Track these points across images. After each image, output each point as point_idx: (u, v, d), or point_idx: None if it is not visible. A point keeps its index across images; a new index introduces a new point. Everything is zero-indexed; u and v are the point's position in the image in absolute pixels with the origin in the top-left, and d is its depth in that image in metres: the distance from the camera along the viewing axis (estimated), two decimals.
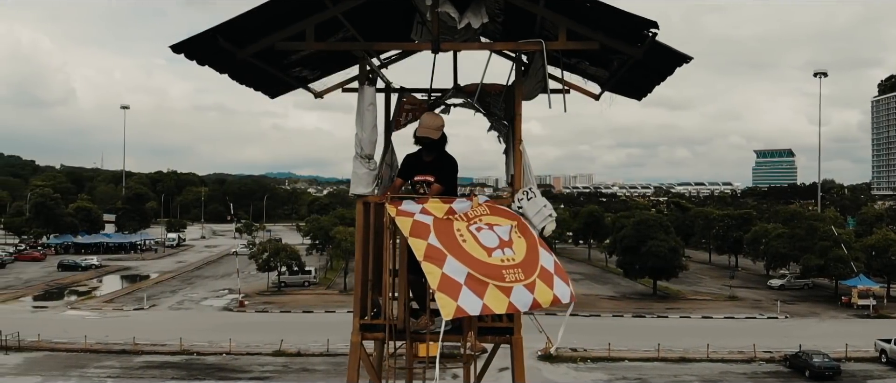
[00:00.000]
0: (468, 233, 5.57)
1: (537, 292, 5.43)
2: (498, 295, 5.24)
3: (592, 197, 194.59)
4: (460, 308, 5.07)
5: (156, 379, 42.84)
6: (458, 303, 5.06)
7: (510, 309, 5.36)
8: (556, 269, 5.63)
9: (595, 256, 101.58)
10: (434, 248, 5.33)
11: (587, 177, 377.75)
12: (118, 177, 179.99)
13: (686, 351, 47.59)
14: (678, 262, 70.79)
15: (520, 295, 5.34)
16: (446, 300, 5.06)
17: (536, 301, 5.41)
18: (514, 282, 5.38)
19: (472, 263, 5.30)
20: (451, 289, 5.11)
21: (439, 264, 5.23)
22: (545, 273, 5.58)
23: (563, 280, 5.61)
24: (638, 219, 75.50)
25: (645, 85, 7.16)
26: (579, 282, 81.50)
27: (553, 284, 5.54)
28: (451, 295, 5.08)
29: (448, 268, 5.22)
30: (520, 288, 5.37)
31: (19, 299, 67.84)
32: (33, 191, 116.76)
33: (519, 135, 6.65)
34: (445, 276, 5.17)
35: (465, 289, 5.13)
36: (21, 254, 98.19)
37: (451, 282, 5.15)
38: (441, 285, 5.12)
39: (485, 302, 5.18)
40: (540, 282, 5.49)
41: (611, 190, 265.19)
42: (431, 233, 5.44)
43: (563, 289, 5.56)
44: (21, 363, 44.89)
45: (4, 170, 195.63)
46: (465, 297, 5.10)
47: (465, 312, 5.13)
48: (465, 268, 5.24)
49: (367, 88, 6.63)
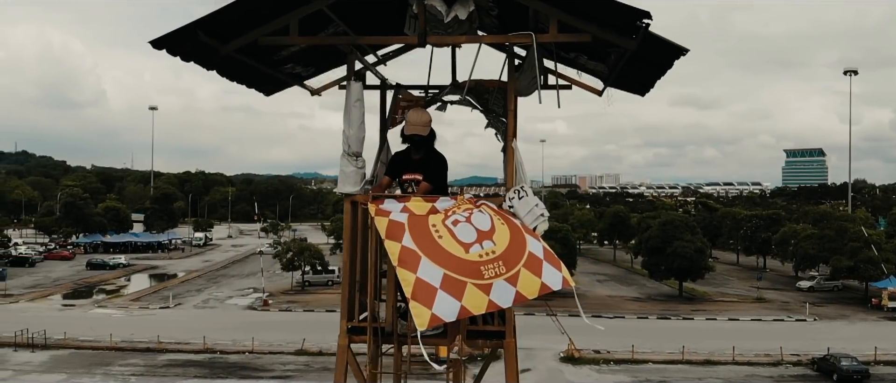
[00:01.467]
0: (444, 228, 5.33)
1: (521, 283, 5.16)
2: (477, 295, 5.01)
3: (618, 197, 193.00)
4: (435, 316, 4.86)
5: (179, 378, 43.15)
6: (433, 311, 4.84)
7: (491, 307, 5.10)
8: (546, 255, 5.35)
9: (620, 257, 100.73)
10: (408, 251, 5.12)
11: (614, 177, 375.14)
12: (147, 178, 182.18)
13: (711, 353, 46.91)
14: (704, 263, 69.92)
15: (501, 292, 5.08)
16: (420, 309, 4.85)
17: (520, 294, 5.14)
18: (493, 277, 5.12)
19: (448, 262, 5.08)
20: (426, 296, 4.89)
21: (413, 268, 5.02)
22: (533, 260, 5.29)
23: (553, 266, 5.32)
24: (664, 219, 74.73)
25: (646, 79, 6.92)
26: (604, 282, 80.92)
27: (541, 272, 5.25)
28: (426, 303, 4.86)
29: (423, 272, 5.00)
30: (500, 283, 5.11)
31: (48, 297, 68.82)
32: (63, 191, 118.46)
33: (512, 131, 6.43)
34: (420, 282, 4.95)
35: (441, 294, 4.91)
36: (51, 252, 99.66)
37: (426, 288, 4.93)
38: (415, 292, 4.91)
39: (463, 305, 4.95)
40: (525, 272, 5.21)
41: (638, 190, 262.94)
42: (406, 233, 5.23)
43: (553, 277, 5.28)
44: (47, 361, 45.47)
45: (36, 171, 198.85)
46: (441, 303, 4.88)
47: (440, 320, 4.91)
48: (441, 269, 5.01)
49: (354, 84, 6.46)
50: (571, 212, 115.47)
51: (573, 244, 74.53)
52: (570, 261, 71.08)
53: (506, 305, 5.18)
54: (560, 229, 73.34)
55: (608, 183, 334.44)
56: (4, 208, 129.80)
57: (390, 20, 6.93)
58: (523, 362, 47.66)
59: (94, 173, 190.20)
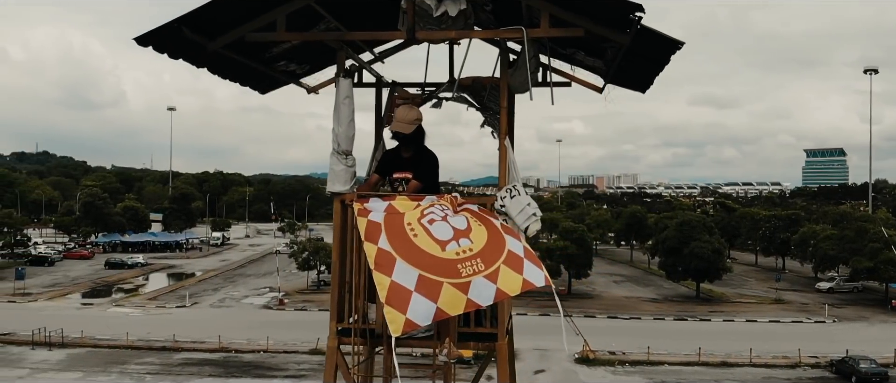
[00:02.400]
0: (420, 227, 5.17)
1: (501, 280, 4.98)
2: (454, 294, 4.85)
3: (636, 197, 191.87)
4: (409, 321, 4.70)
5: (194, 377, 43.34)
6: (407, 316, 4.69)
7: (470, 306, 4.92)
8: (527, 254, 5.17)
9: (637, 258, 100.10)
10: (384, 254, 4.98)
11: (632, 177, 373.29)
12: (166, 178, 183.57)
13: (728, 355, 46.47)
14: (722, 264, 69.34)
15: (480, 289, 4.90)
16: (394, 314, 4.69)
17: (501, 290, 4.95)
18: (471, 275, 4.93)
19: (423, 261, 4.93)
20: (400, 300, 4.74)
21: (388, 271, 4.87)
22: (513, 257, 5.11)
23: (534, 264, 5.14)
24: (681, 219, 74.19)
25: (644, 75, 6.75)
26: (620, 283, 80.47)
27: (523, 269, 5.07)
28: (399, 308, 4.71)
29: (397, 274, 4.85)
30: (479, 280, 4.93)
31: (66, 296, 69.42)
32: (83, 191, 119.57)
33: (504, 129, 6.29)
34: (394, 285, 4.80)
35: (416, 296, 4.76)
36: (70, 252, 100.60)
37: (400, 291, 4.78)
38: (389, 297, 4.76)
39: (439, 307, 4.79)
40: (505, 268, 5.03)
41: (656, 190, 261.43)
42: (382, 234, 5.09)
43: (534, 273, 5.08)
44: (64, 359, 45.85)
45: (57, 171, 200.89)
46: (416, 306, 4.73)
47: (415, 325, 4.76)
48: (416, 270, 4.86)
49: (343, 81, 6.34)
50: (588, 213, 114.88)
51: (589, 244, 74.11)
52: (586, 261, 70.80)
53: (486, 303, 5.01)
54: (576, 229, 73.03)
55: (626, 183, 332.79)
56: (25, 208, 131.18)
57: (384, 16, 6.80)
58: (538, 363, 47.58)
59: (113, 173, 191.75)
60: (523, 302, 67.02)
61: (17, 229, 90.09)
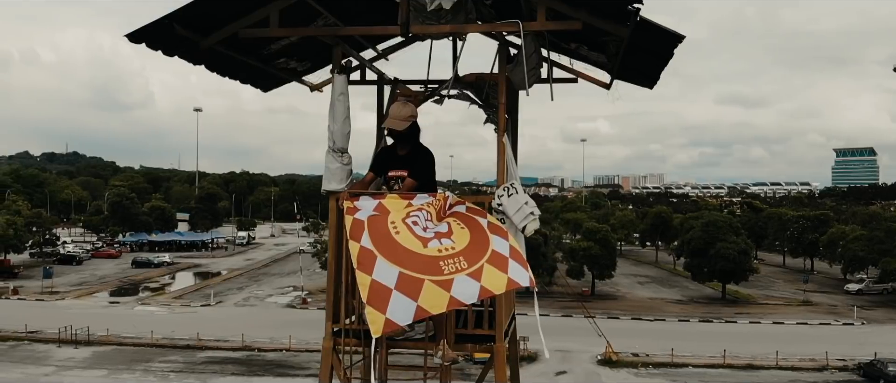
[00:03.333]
0: (402, 225, 5.07)
1: (485, 278, 4.84)
2: (436, 292, 4.72)
3: (662, 197, 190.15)
4: (389, 321, 4.58)
5: (216, 375, 43.63)
6: (387, 315, 4.57)
7: (453, 304, 4.80)
8: (512, 253, 5.05)
9: (662, 259, 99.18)
10: (365, 252, 4.86)
11: (658, 177, 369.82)
12: (193, 178, 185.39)
13: (754, 357, 45.83)
14: (748, 265, 68.47)
15: (463, 287, 4.77)
16: (374, 315, 4.58)
17: (485, 288, 4.82)
18: (454, 272, 4.82)
19: (404, 259, 4.81)
20: (380, 300, 4.62)
21: (369, 270, 4.76)
22: (497, 256, 4.98)
23: (520, 264, 5.01)
24: (706, 220, 73.34)
25: (650, 70, 6.57)
26: (645, 285, 79.77)
27: (507, 268, 4.95)
28: (380, 308, 4.60)
29: (378, 273, 4.74)
30: (462, 278, 4.80)
31: (93, 295, 70.30)
32: (111, 191, 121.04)
33: (502, 126, 6.14)
34: (375, 284, 4.69)
35: (396, 295, 4.64)
36: (98, 251, 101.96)
37: (381, 290, 4.66)
38: (370, 296, 4.65)
39: (419, 305, 4.66)
40: (490, 267, 4.90)
41: (682, 190, 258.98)
42: (365, 232, 4.98)
43: (520, 273, 4.96)
44: (89, 357, 46.38)
45: (86, 171, 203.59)
46: (396, 305, 4.61)
47: (395, 325, 4.64)
48: (396, 268, 4.75)
49: (337, 77, 6.23)
50: (612, 213, 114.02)
51: (613, 245, 73.52)
52: (610, 262, 70.27)
53: (469, 301, 4.90)
54: (599, 230, 72.54)
55: (652, 183, 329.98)
56: (55, 208, 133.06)
57: (383, 12, 6.68)
58: (560, 364, 47.25)
59: (141, 173, 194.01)
60: (545, 303, 66.70)
61: (46, 229, 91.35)
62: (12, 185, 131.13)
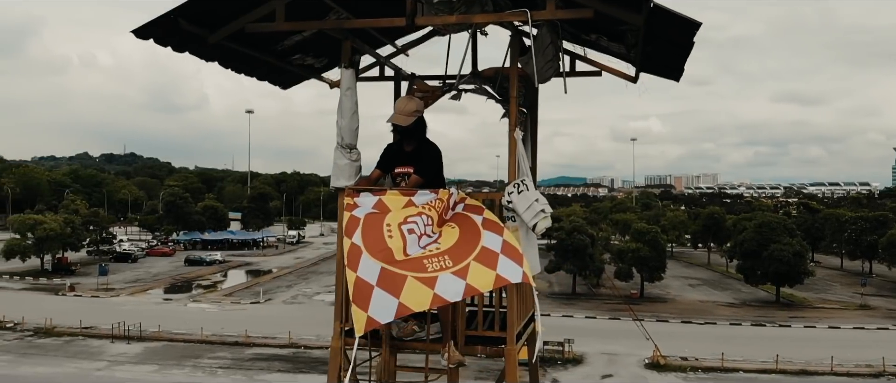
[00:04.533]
0: (397, 231, 4.93)
1: (471, 276, 4.70)
2: (419, 289, 4.58)
3: (715, 198, 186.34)
4: (371, 319, 4.45)
5: (263, 371, 44.15)
6: (369, 313, 4.44)
7: (436, 302, 4.68)
8: (505, 249, 4.88)
9: (715, 261, 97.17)
10: (354, 248, 4.74)
11: (711, 177, 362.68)
12: (245, 178, 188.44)
13: (808, 363, 44.44)
14: (803, 268, 66.54)
15: (447, 284, 4.65)
16: (358, 313, 4.46)
17: (470, 286, 4.68)
18: (438, 270, 4.70)
19: (388, 256, 4.68)
20: (363, 297, 4.49)
21: (355, 266, 4.64)
22: (486, 254, 4.83)
23: (512, 260, 4.83)
24: (760, 221, 71.60)
25: (673, 61, 6.26)
26: (696, 287, 78.25)
27: (497, 265, 4.79)
28: (362, 305, 4.47)
29: (362, 269, 4.62)
30: (446, 276, 4.68)
31: (147, 292, 71.92)
32: (166, 191, 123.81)
33: (513, 121, 5.92)
34: (359, 281, 4.56)
35: (377, 291, 4.50)
36: (152, 249, 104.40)
37: (364, 287, 4.53)
38: (355, 294, 4.53)
39: (401, 302, 4.53)
40: (476, 265, 4.76)
41: (736, 190, 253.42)
42: (358, 230, 4.86)
43: (510, 269, 4.80)
44: (141, 352, 47.38)
45: (143, 172, 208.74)
46: (377, 302, 4.47)
47: (376, 323, 4.50)
48: (379, 264, 4.62)
49: (344, 72, 6.09)
50: (663, 214, 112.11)
51: (663, 246, 72.21)
52: (660, 264, 69.07)
53: (454, 298, 4.75)
54: (649, 231, 71.40)
55: (705, 183, 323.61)
56: (112, 207, 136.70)
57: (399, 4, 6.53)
58: (605, 367, 46.60)
59: (195, 174, 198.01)
60: (592, 305, 66.00)
61: (102, 227, 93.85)
62: (71, 185, 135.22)
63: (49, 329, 51.60)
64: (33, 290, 70.02)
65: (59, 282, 73.65)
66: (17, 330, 51.95)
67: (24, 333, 51.28)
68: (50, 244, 77.55)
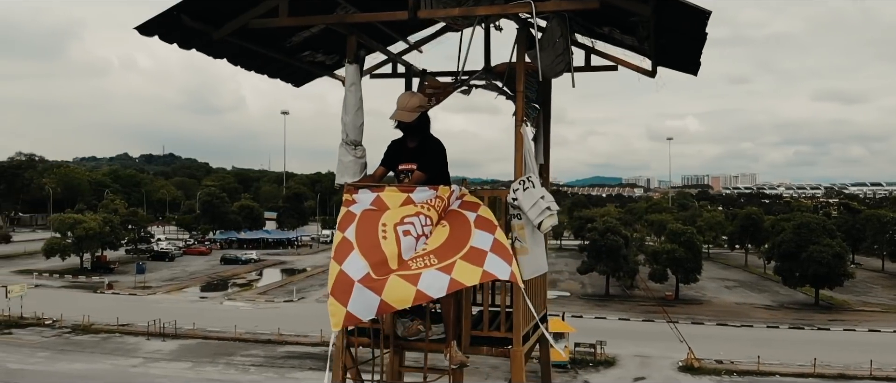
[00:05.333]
0: (393, 232, 4.83)
1: (457, 272, 4.62)
2: (401, 286, 4.49)
3: (754, 198, 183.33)
4: (350, 314, 4.36)
5: (295, 369, 44.43)
6: (348, 308, 4.35)
7: (419, 298, 4.59)
8: (494, 247, 4.77)
9: (752, 262, 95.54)
10: (345, 242, 4.66)
11: (750, 176, 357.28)
12: (281, 178, 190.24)
13: (846, 367, 43.43)
14: (843, 270, 65.01)
15: (431, 280, 4.56)
16: (336, 307, 4.38)
17: (455, 280, 4.59)
18: (422, 268, 4.62)
19: (377, 258, 4.58)
20: (343, 292, 4.41)
21: (341, 260, 4.56)
22: (474, 252, 4.74)
23: (501, 258, 4.73)
24: (798, 221, 70.19)
25: (688, 54, 6.08)
26: (732, 289, 77.02)
27: (484, 262, 4.68)
28: (341, 299, 4.38)
29: (348, 264, 4.53)
30: (431, 272, 4.60)
31: (183, 290, 72.88)
32: (203, 191, 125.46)
33: (519, 115, 5.79)
34: (341, 275, 4.49)
35: (358, 287, 4.42)
36: (189, 248, 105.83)
37: (345, 282, 4.45)
38: (334, 287, 4.45)
39: (383, 299, 4.44)
40: (463, 262, 4.67)
41: (776, 191, 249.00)
42: (353, 225, 4.78)
43: (499, 266, 4.70)
44: (176, 349, 48.01)
45: (181, 172, 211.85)
46: (358, 298, 4.39)
47: (356, 319, 4.42)
48: (366, 263, 4.53)
49: (349, 67, 6.03)
50: (700, 214, 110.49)
51: (698, 247, 71.06)
52: (695, 265, 68.06)
53: (437, 294, 4.65)
54: (685, 232, 70.41)
55: (744, 183, 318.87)
56: (151, 206, 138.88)
57: None
58: (638, 370, 46.02)
59: (232, 174, 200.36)
60: (626, 307, 65.29)
61: (141, 226, 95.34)
62: (111, 185, 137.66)
63: (87, 326, 52.56)
64: (72, 288, 71.39)
65: (97, 280, 75.04)
66: (55, 327, 53.00)
67: (62, 330, 52.28)
68: (89, 243, 78.98)
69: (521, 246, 5.48)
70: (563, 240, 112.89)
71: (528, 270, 5.56)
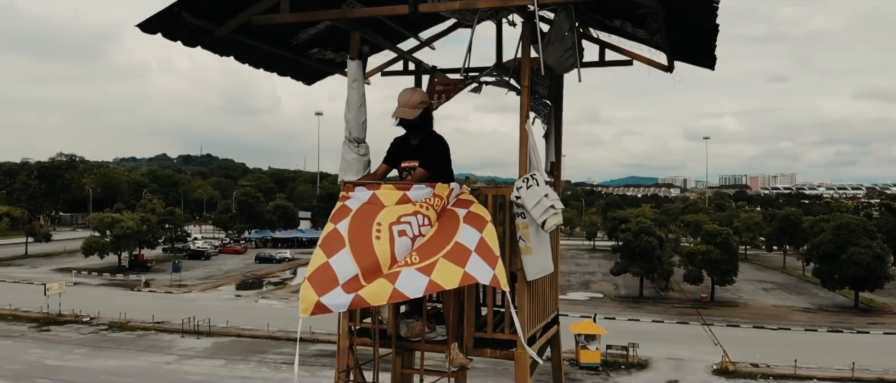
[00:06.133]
0: (387, 232, 4.72)
1: (437, 273, 4.48)
2: (379, 283, 4.40)
3: (793, 198, 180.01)
4: (321, 304, 4.29)
5: (325, 368, 44.56)
6: (320, 298, 4.27)
7: (396, 297, 4.47)
8: (479, 247, 4.62)
9: (790, 264, 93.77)
10: (336, 235, 4.58)
11: (789, 177, 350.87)
12: (315, 179, 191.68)
13: (886, 371, 42.36)
14: (884, 272, 63.47)
15: (409, 280, 4.45)
16: (308, 292, 4.30)
17: (434, 282, 4.45)
18: (402, 266, 4.51)
19: (368, 264, 4.49)
20: (322, 283, 4.33)
21: (329, 253, 4.49)
22: (458, 250, 4.60)
23: (485, 260, 4.57)
24: (838, 222, 68.69)
25: (702, 47, 5.88)
26: (770, 291, 75.67)
27: (467, 262, 4.53)
28: (318, 289, 4.31)
29: (336, 260, 4.44)
30: (409, 271, 4.48)
31: (218, 288, 73.72)
32: (239, 191, 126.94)
33: (524, 111, 5.64)
34: (326, 267, 4.41)
35: (339, 289, 4.32)
36: (225, 247, 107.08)
37: (329, 276, 4.37)
38: (315, 274, 4.37)
39: (359, 294, 4.34)
40: (445, 261, 4.53)
41: (816, 191, 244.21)
42: (347, 219, 4.69)
43: (480, 268, 4.54)
44: (209, 347, 48.55)
45: (218, 172, 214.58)
46: (334, 294, 4.30)
47: (326, 309, 4.33)
48: (356, 267, 4.42)
49: (350, 63, 5.94)
50: (737, 215, 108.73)
51: (734, 249, 69.88)
52: (731, 266, 66.98)
53: (413, 295, 4.52)
54: (720, 232, 69.33)
55: (783, 183, 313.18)
56: (188, 206, 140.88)
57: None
58: (671, 373, 45.34)
59: (268, 174, 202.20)
60: (660, 309, 64.46)
61: (178, 226, 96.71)
62: (149, 185, 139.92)
63: (123, 323, 53.42)
64: (110, 286, 72.61)
65: (134, 278, 76.23)
66: (92, 324, 53.94)
67: (99, 327, 53.19)
68: (127, 241, 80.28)
69: (526, 245, 5.35)
70: (596, 241, 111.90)
71: (532, 271, 5.42)
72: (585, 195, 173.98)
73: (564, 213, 5.54)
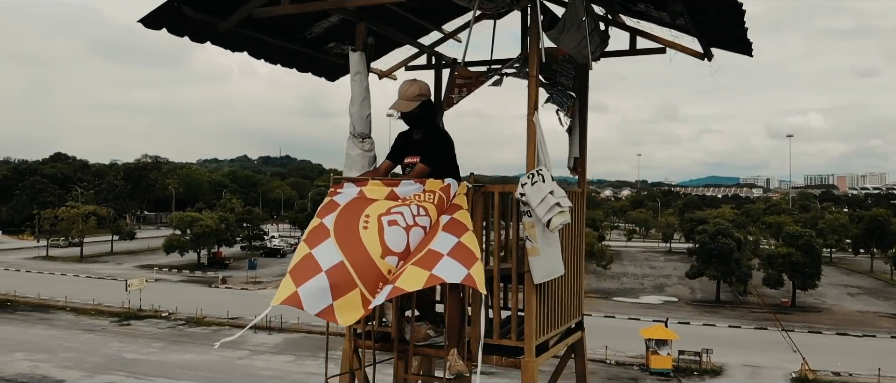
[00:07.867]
0: (376, 222, 4.51)
1: (402, 279, 4.27)
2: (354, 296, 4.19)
3: (882, 199, 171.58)
4: (296, 296, 4.10)
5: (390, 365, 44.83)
6: (297, 289, 4.09)
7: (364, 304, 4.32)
8: (455, 250, 4.37)
9: (878, 268, 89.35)
10: (321, 228, 4.43)
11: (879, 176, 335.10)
12: None
13: None
14: None
15: None
16: (287, 283, 4.14)
17: (397, 288, 4.25)
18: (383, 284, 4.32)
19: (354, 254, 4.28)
20: (303, 273, 4.17)
21: (313, 244, 4.34)
22: (429, 255, 4.38)
23: (458, 261, 4.31)
24: None
25: (734, 32, 5.42)
26: (855, 296, 72.27)
27: (435, 265, 4.29)
28: (297, 279, 4.16)
29: (320, 250, 4.27)
30: None
31: None
32: (315, 190, 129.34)
33: (532, 102, 5.28)
34: (309, 259, 4.25)
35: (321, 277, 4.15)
36: None
37: (311, 265, 4.22)
38: (296, 267, 4.21)
39: (333, 304, 4.13)
40: (412, 267, 4.32)
41: None
42: (334, 213, 4.53)
43: (451, 269, 4.28)
44: (280, 343, 49.50)
45: (296, 173, 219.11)
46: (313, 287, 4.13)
47: (299, 304, 4.14)
48: (341, 256, 4.24)
49: (352, 55, 5.72)
50: (822, 216, 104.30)
51: (818, 252, 66.90)
52: (814, 270, 64.20)
53: (378, 302, 4.35)
54: (803, 235, 66.54)
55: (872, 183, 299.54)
56: (267, 206, 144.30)
57: None
58: (747, 380, 43.62)
59: None
60: (738, 314, 62.29)
61: (255, 224, 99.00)
62: (229, 185, 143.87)
63: (199, 319, 54.96)
64: (189, 283, 74.90)
65: (212, 275, 78.42)
66: (170, 319, 55.72)
67: (176, 322, 54.89)
68: (206, 240, 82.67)
69: (532, 246, 5.02)
70: (672, 243, 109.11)
71: (539, 273, 5.10)
72: (662, 195, 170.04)
73: (639, 214, 5.21)
